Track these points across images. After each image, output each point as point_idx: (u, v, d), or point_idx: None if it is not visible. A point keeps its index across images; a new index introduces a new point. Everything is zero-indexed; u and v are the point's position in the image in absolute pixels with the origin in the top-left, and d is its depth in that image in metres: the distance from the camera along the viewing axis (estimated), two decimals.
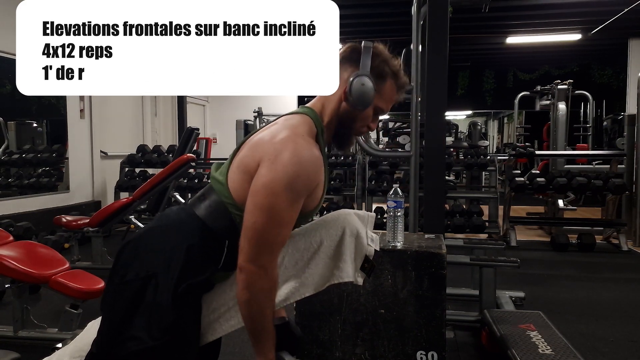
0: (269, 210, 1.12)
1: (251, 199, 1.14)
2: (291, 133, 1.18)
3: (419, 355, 2.03)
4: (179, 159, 3.87)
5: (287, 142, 1.15)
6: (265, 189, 1.12)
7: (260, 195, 1.12)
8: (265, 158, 1.14)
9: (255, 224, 1.12)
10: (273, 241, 1.14)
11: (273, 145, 1.15)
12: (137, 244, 1.25)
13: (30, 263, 2.46)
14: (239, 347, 2.60)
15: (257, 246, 1.12)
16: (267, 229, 1.12)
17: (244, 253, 1.13)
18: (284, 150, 1.13)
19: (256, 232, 1.12)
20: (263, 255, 1.13)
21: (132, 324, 1.15)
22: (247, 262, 1.13)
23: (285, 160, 1.12)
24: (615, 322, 3.05)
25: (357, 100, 1.23)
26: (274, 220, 1.13)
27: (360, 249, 1.34)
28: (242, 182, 1.19)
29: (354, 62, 1.26)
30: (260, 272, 1.13)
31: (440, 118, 2.98)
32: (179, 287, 1.16)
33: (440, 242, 2.16)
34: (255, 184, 1.14)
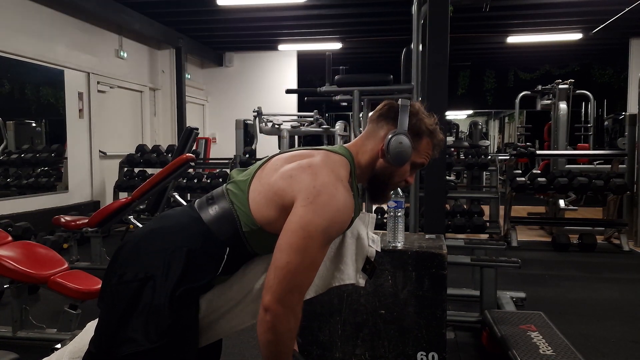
0: (303, 252, 1.11)
1: (286, 238, 1.12)
2: (333, 176, 1.18)
3: (420, 356, 2.01)
4: (178, 158, 3.86)
5: (329, 186, 1.15)
6: (303, 230, 1.11)
7: (297, 236, 1.11)
8: (303, 196, 1.13)
9: (289, 264, 1.10)
10: (303, 283, 1.14)
11: (314, 185, 1.14)
12: (138, 244, 1.24)
13: (29, 263, 2.45)
14: (239, 348, 2.59)
15: (288, 287, 1.11)
16: (300, 270, 1.11)
17: (273, 293, 1.10)
18: (325, 194, 1.13)
19: (289, 273, 1.10)
20: (293, 296, 1.12)
21: (129, 325, 1.14)
22: (275, 303, 1.10)
23: (325, 206, 1.13)
24: (617, 322, 3.04)
25: (395, 158, 1.25)
26: (306, 262, 1.12)
27: (361, 250, 1.33)
28: (269, 204, 1.19)
29: (391, 120, 1.28)
30: (288, 314, 1.12)
31: (440, 118, 2.96)
32: (177, 291, 1.14)
33: (441, 243, 2.15)
34: (291, 222, 1.13)
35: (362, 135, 1.34)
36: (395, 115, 1.28)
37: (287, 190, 1.17)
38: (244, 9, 6.69)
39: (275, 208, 1.18)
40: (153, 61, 7.77)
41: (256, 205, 1.21)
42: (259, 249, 1.27)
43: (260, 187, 1.22)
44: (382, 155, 1.26)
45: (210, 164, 7.36)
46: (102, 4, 5.96)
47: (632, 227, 5.32)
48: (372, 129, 1.32)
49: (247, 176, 1.27)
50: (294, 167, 1.21)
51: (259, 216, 1.20)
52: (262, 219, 1.20)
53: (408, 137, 1.25)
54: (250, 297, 1.27)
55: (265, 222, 1.20)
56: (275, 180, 1.20)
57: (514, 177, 5.39)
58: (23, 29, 5.15)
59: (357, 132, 3.89)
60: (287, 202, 1.16)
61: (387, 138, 1.25)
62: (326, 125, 6.12)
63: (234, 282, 1.27)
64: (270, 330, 1.12)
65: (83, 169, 6.07)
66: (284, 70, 9.27)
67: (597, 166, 6.48)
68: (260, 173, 1.26)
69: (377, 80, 3.86)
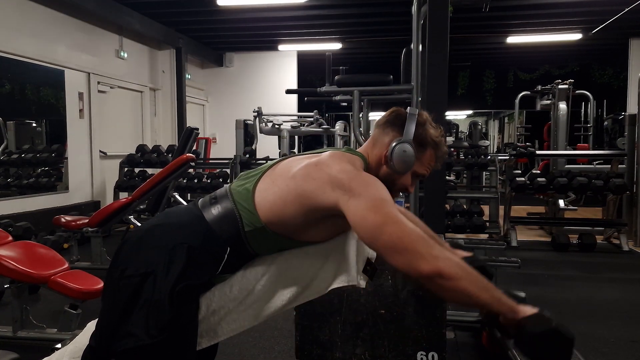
0: (389, 218, 1.10)
1: (366, 229, 1.11)
2: (353, 165, 1.21)
3: (420, 356, 2.02)
4: (179, 158, 3.86)
5: (354, 172, 1.19)
6: (374, 208, 1.11)
7: (373, 217, 1.10)
8: (341, 191, 1.14)
9: (392, 235, 1.08)
10: (416, 237, 1.10)
11: (342, 177, 1.16)
12: (140, 240, 1.25)
13: (29, 263, 2.45)
14: (238, 348, 2.59)
15: (416, 247, 1.08)
16: (403, 230, 1.10)
17: (415, 264, 1.06)
18: (357, 175, 1.17)
19: (402, 240, 1.08)
20: (423, 249, 1.08)
21: (130, 320, 1.16)
22: (429, 266, 1.05)
23: (364, 182, 1.16)
24: (616, 322, 3.04)
25: (397, 165, 1.26)
26: (398, 222, 1.10)
27: (361, 252, 1.33)
28: (288, 204, 1.19)
29: (397, 127, 1.29)
30: (438, 264, 1.06)
31: (440, 118, 2.97)
32: (177, 287, 1.15)
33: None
34: (357, 216, 1.12)
35: (369, 141, 1.35)
36: (402, 123, 1.29)
37: (317, 192, 1.17)
38: (244, 9, 6.69)
39: (297, 207, 1.19)
40: (153, 61, 7.77)
41: (267, 203, 1.21)
42: (259, 250, 1.28)
43: (275, 187, 1.22)
44: (385, 162, 1.27)
45: (211, 164, 7.36)
46: (102, 4, 5.96)
47: (632, 227, 5.32)
48: (378, 135, 1.32)
49: (254, 176, 1.28)
50: (312, 168, 1.21)
51: (267, 214, 1.21)
52: (270, 217, 1.20)
53: (412, 146, 1.25)
54: (251, 298, 1.28)
55: (273, 220, 1.21)
56: (296, 180, 1.20)
57: (514, 177, 5.39)
58: (23, 29, 5.15)
59: (357, 132, 3.89)
60: (321, 203, 1.16)
61: (392, 145, 1.26)
62: (326, 125, 6.12)
63: (235, 283, 1.27)
64: (453, 281, 1.05)
65: (83, 169, 6.07)
66: (284, 70, 9.27)
67: (597, 166, 6.48)
68: (272, 173, 1.26)
69: (377, 80, 3.86)
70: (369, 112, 4.40)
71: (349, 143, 6.68)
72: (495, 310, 1.09)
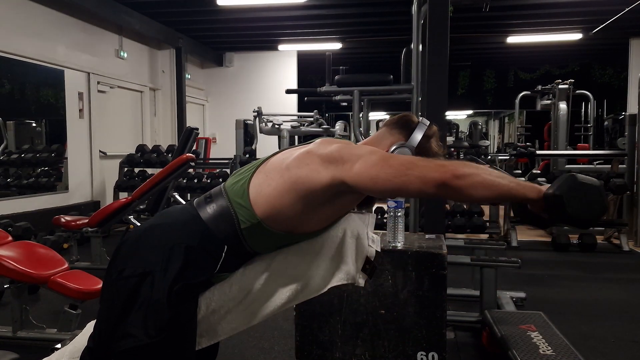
0: (388, 156, 1.14)
1: (375, 173, 1.11)
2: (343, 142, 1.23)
3: (420, 356, 2.02)
4: (179, 158, 3.86)
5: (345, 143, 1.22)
6: (367, 163, 1.13)
7: (373, 164, 1.12)
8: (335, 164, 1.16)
9: (399, 164, 1.11)
10: (415, 157, 1.15)
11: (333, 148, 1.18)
12: (138, 240, 1.25)
13: (29, 263, 2.45)
14: (239, 348, 2.59)
15: (422, 166, 1.10)
16: (406, 158, 1.14)
17: (429, 178, 1.08)
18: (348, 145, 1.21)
19: (406, 166, 1.10)
20: (430, 163, 1.11)
21: (128, 320, 1.15)
22: (439, 177, 1.07)
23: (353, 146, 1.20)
24: (617, 322, 3.04)
25: None
26: (396, 157, 1.15)
27: (361, 250, 1.33)
28: (283, 194, 1.20)
29: (405, 131, 1.31)
30: (449, 168, 1.08)
31: (440, 118, 2.97)
32: (175, 287, 1.15)
33: (441, 243, 2.15)
34: (359, 174, 1.13)
35: (374, 136, 1.37)
36: (410, 129, 1.30)
37: (312, 174, 1.17)
38: (244, 9, 6.69)
39: (293, 196, 1.19)
40: (153, 61, 7.76)
41: (262, 197, 1.21)
42: (257, 247, 1.27)
43: (270, 180, 1.22)
44: None
45: (210, 164, 7.36)
46: (102, 4, 5.96)
47: (632, 227, 5.32)
48: (383, 133, 1.34)
49: (248, 171, 1.27)
50: (303, 154, 1.22)
51: (263, 208, 1.20)
52: (266, 211, 1.20)
53: (413, 153, 1.26)
54: (251, 297, 1.28)
55: (269, 215, 1.20)
56: (290, 170, 1.21)
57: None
58: (23, 29, 5.15)
59: (357, 132, 3.89)
60: (317, 184, 1.17)
61: (394, 146, 1.27)
62: (326, 125, 6.12)
63: (234, 282, 1.27)
64: (470, 177, 1.07)
65: (83, 169, 6.07)
66: (284, 70, 9.27)
67: (597, 166, 6.47)
68: (264, 167, 1.26)
69: (377, 80, 3.86)
70: (369, 112, 4.40)
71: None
72: (520, 194, 1.10)
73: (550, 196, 1.08)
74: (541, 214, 1.13)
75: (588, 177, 1.08)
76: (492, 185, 1.07)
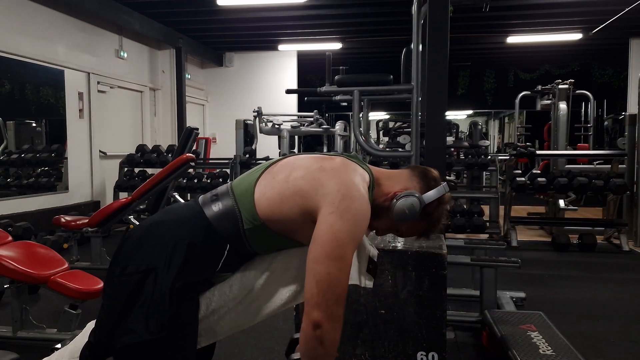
0: (340, 261, 1.12)
1: (320, 248, 1.12)
2: (355, 180, 1.20)
3: (420, 356, 2.01)
4: (179, 158, 3.86)
5: (352, 190, 1.17)
6: (337, 240, 1.12)
7: (332, 245, 1.12)
8: (329, 201, 1.14)
9: (330, 275, 1.11)
10: (344, 291, 1.14)
11: (338, 189, 1.16)
12: (141, 237, 1.25)
13: (29, 263, 2.45)
14: (239, 348, 2.59)
15: (333, 298, 1.11)
16: (340, 280, 1.13)
17: (321, 307, 1.10)
18: (348, 198, 1.15)
19: (331, 284, 1.11)
20: (338, 308, 1.12)
21: (130, 316, 1.16)
22: (325, 318, 1.10)
23: (353, 213, 1.15)
24: (617, 322, 3.04)
25: (395, 210, 1.26)
26: (344, 271, 1.13)
27: (363, 251, 1.33)
28: (284, 201, 1.19)
29: (424, 185, 1.30)
30: (336, 326, 1.12)
31: (440, 118, 2.97)
32: (177, 284, 1.15)
33: (441, 243, 2.15)
34: (322, 232, 1.13)
35: (395, 171, 1.36)
36: (429, 186, 1.29)
37: (311, 192, 1.17)
38: (244, 9, 6.69)
39: (292, 205, 1.19)
40: (153, 61, 7.76)
41: (265, 199, 1.21)
42: (258, 248, 1.27)
43: (275, 183, 1.22)
44: (391, 199, 1.27)
45: (210, 164, 7.36)
46: (102, 4, 5.96)
47: (632, 227, 5.32)
48: (405, 176, 1.32)
49: (255, 172, 1.28)
50: (316, 169, 1.21)
51: (266, 210, 1.20)
52: (268, 213, 1.20)
53: (420, 208, 1.26)
54: (251, 297, 1.28)
55: (271, 217, 1.21)
56: (296, 179, 1.21)
57: (514, 177, 5.38)
58: (23, 29, 5.15)
59: (357, 132, 3.88)
60: (309, 204, 1.17)
61: (406, 192, 1.26)
62: (326, 125, 6.12)
63: (235, 282, 1.27)
64: (321, 345, 1.10)
65: (83, 169, 6.07)
66: (284, 70, 9.27)
67: (597, 166, 6.47)
68: (272, 169, 1.26)
69: (377, 80, 3.86)
70: (369, 112, 4.40)
71: (349, 143, 6.68)
72: None
73: None
74: None
75: None
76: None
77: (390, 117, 11.57)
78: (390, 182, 1.30)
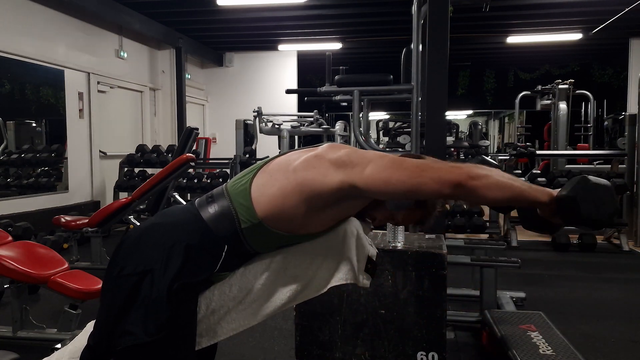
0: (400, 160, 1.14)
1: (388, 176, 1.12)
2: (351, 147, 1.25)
3: (420, 356, 2.02)
4: (179, 158, 3.86)
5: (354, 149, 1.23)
6: (379, 167, 1.13)
7: (385, 168, 1.13)
8: (348, 166, 1.16)
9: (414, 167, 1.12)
10: (428, 160, 1.16)
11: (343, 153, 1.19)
12: (139, 239, 1.25)
13: (29, 263, 2.45)
14: (239, 348, 2.59)
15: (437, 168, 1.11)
16: (420, 161, 1.14)
17: (445, 179, 1.08)
18: (356, 151, 1.21)
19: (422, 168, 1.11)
20: (443, 165, 1.12)
21: (129, 318, 1.16)
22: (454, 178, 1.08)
23: (366, 152, 1.20)
24: (617, 322, 3.04)
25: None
26: (407, 160, 1.15)
27: (362, 250, 1.33)
28: (288, 195, 1.20)
29: None
30: (463, 169, 1.09)
31: (440, 118, 2.97)
32: (174, 285, 1.15)
33: (441, 243, 2.15)
34: (371, 178, 1.13)
35: None
36: None
37: (318, 177, 1.17)
38: (244, 9, 6.69)
39: (297, 198, 1.18)
40: (153, 61, 7.76)
41: (265, 197, 1.21)
42: (257, 247, 1.27)
43: (273, 180, 1.22)
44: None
45: (210, 164, 7.35)
46: (102, 4, 5.96)
47: (632, 227, 5.32)
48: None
49: (250, 172, 1.28)
50: (312, 157, 1.22)
51: (265, 208, 1.20)
52: (268, 211, 1.20)
53: None
54: (251, 297, 1.28)
55: (271, 215, 1.20)
56: (296, 172, 1.20)
57: None
58: (23, 29, 5.15)
59: (357, 132, 3.89)
60: (325, 187, 1.17)
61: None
62: (326, 125, 6.12)
63: (234, 282, 1.27)
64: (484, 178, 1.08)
65: (83, 169, 6.07)
66: (284, 70, 9.27)
67: (597, 166, 6.47)
68: (267, 168, 1.26)
69: (377, 80, 3.86)
70: (369, 112, 4.40)
71: (349, 143, 6.68)
72: (532, 196, 1.11)
73: (563, 198, 1.08)
74: (551, 219, 1.13)
75: (599, 179, 1.08)
76: (505, 187, 1.08)
77: (390, 117, 11.56)
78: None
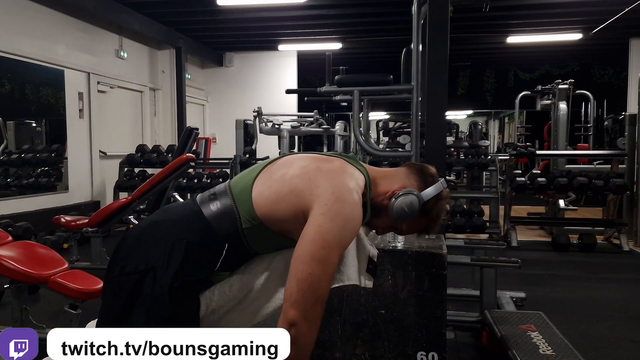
0: (324, 262, 1.11)
1: (306, 248, 1.12)
2: (350, 184, 1.19)
3: (420, 356, 2.02)
4: (179, 158, 3.86)
5: (345, 193, 1.17)
6: (322, 240, 1.11)
7: (317, 245, 1.11)
8: (321, 202, 1.14)
9: (312, 275, 1.10)
10: (324, 293, 1.13)
11: (332, 191, 1.16)
12: (140, 236, 1.25)
13: (29, 263, 2.45)
14: None
15: (312, 299, 1.10)
16: (322, 281, 1.11)
17: (298, 307, 1.08)
18: (341, 201, 1.15)
19: (312, 284, 1.10)
20: (317, 308, 1.11)
21: (131, 316, 1.16)
22: (301, 318, 1.08)
23: (344, 217, 1.14)
24: (617, 322, 3.04)
25: (394, 209, 1.25)
26: (327, 272, 1.12)
27: (362, 250, 1.33)
28: (280, 200, 1.19)
29: (422, 182, 1.29)
30: (313, 327, 1.11)
31: (440, 118, 2.97)
32: (175, 283, 1.15)
33: (441, 243, 2.15)
34: (310, 232, 1.13)
35: (390, 170, 1.35)
36: (427, 183, 1.29)
37: (305, 191, 1.17)
38: (244, 9, 6.69)
39: (287, 204, 1.19)
40: (153, 61, 7.76)
41: (262, 198, 1.21)
42: (257, 247, 1.27)
43: (272, 181, 1.22)
44: (389, 197, 1.27)
45: (210, 164, 7.35)
46: (102, 4, 5.96)
47: (632, 227, 5.32)
48: (402, 174, 1.32)
49: (254, 171, 1.28)
50: (312, 169, 1.21)
51: (263, 210, 1.20)
52: (265, 213, 1.20)
53: (419, 206, 1.25)
54: (251, 297, 1.28)
55: (268, 217, 1.21)
56: (292, 178, 1.21)
57: (514, 177, 5.38)
58: (23, 29, 5.15)
59: (357, 132, 3.89)
60: (303, 203, 1.17)
61: (405, 190, 1.26)
62: (326, 125, 6.12)
63: (235, 282, 1.27)
64: (295, 345, 1.07)
65: (83, 169, 6.07)
66: (284, 70, 9.27)
67: (597, 166, 6.47)
68: (270, 168, 1.26)
69: (377, 80, 3.86)
70: (369, 112, 4.40)
71: (349, 143, 6.68)
72: None
73: None
74: None
75: None
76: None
77: (390, 117, 11.57)
78: (388, 181, 1.30)
